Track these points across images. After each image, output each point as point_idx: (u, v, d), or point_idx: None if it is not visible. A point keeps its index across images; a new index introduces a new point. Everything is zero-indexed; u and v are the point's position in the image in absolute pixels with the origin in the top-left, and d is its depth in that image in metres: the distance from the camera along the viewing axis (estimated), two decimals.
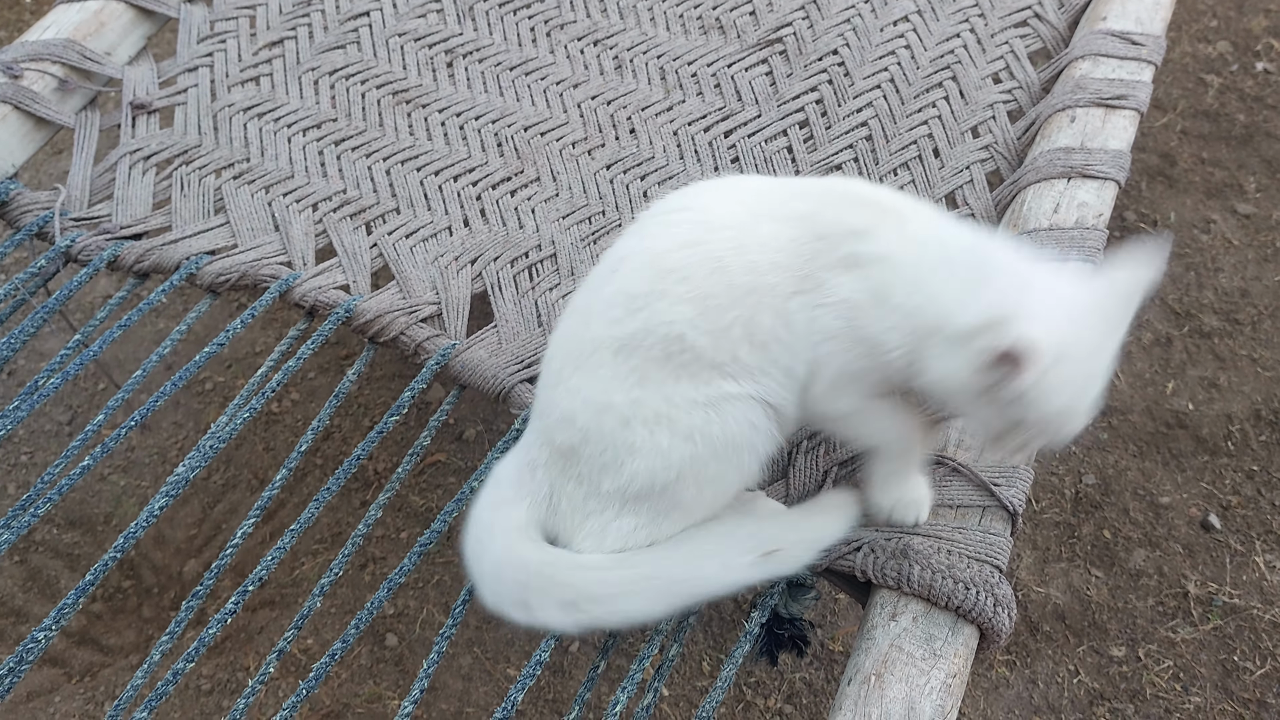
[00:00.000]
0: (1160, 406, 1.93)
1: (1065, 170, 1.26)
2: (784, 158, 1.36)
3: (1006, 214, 1.27)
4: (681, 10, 1.52)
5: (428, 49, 1.49)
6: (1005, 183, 1.30)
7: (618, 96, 1.42)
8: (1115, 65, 1.36)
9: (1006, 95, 1.41)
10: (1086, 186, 1.26)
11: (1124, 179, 1.28)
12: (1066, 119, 1.32)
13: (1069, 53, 1.40)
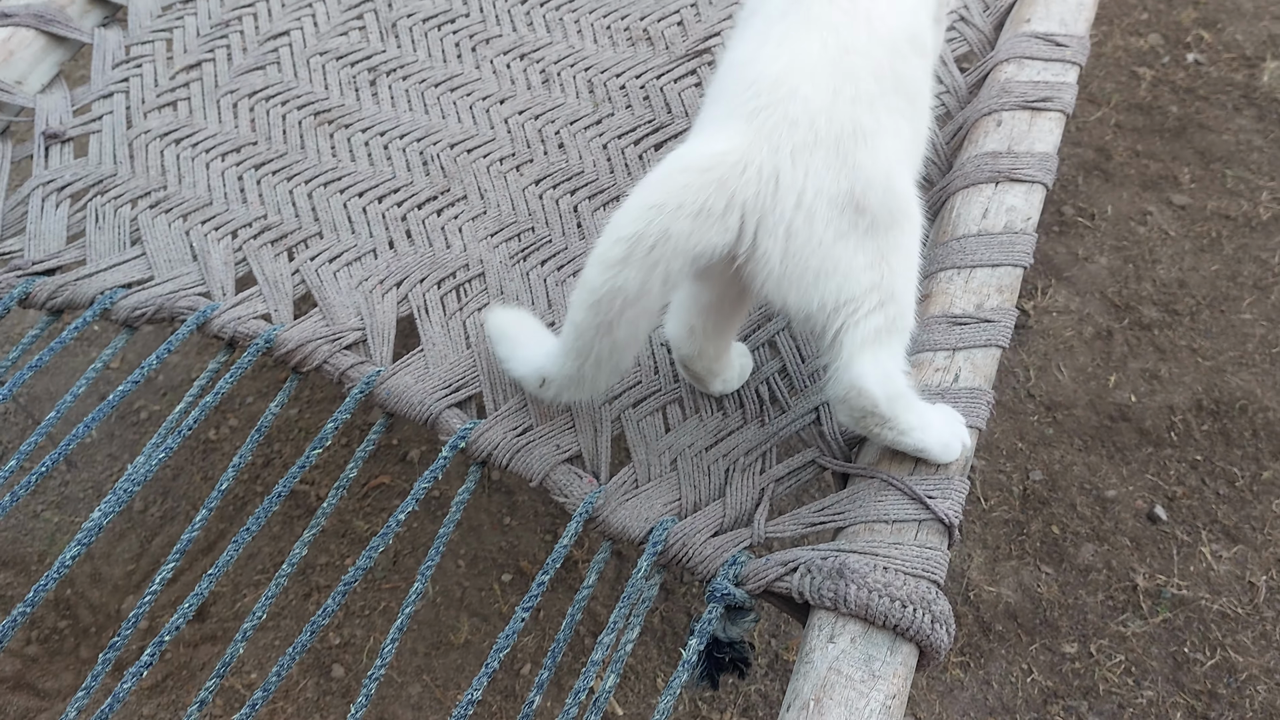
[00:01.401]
0: (1103, 400, 1.95)
1: (993, 175, 1.26)
2: None
3: (937, 219, 1.27)
4: (609, 22, 1.50)
5: (350, 67, 1.46)
6: (935, 188, 1.30)
7: (546, 111, 1.40)
8: (1040, 67, 1.36)
9: (934, 100, 1.41)
10: (1015, 190, 1.26)
11: (1051, 181, 1.28)
12: (993, 123, 1.32)
13: (994, 56, 1.40)
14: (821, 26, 0.88)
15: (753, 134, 0.84)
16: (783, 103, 0.85)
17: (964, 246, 1.19)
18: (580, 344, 0.91)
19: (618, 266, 0.84)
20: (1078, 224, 2.18)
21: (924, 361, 1.10)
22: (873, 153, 0.87)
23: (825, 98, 0.86)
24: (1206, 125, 2.30)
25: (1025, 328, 2.05)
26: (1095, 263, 2.12)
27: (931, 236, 1.26)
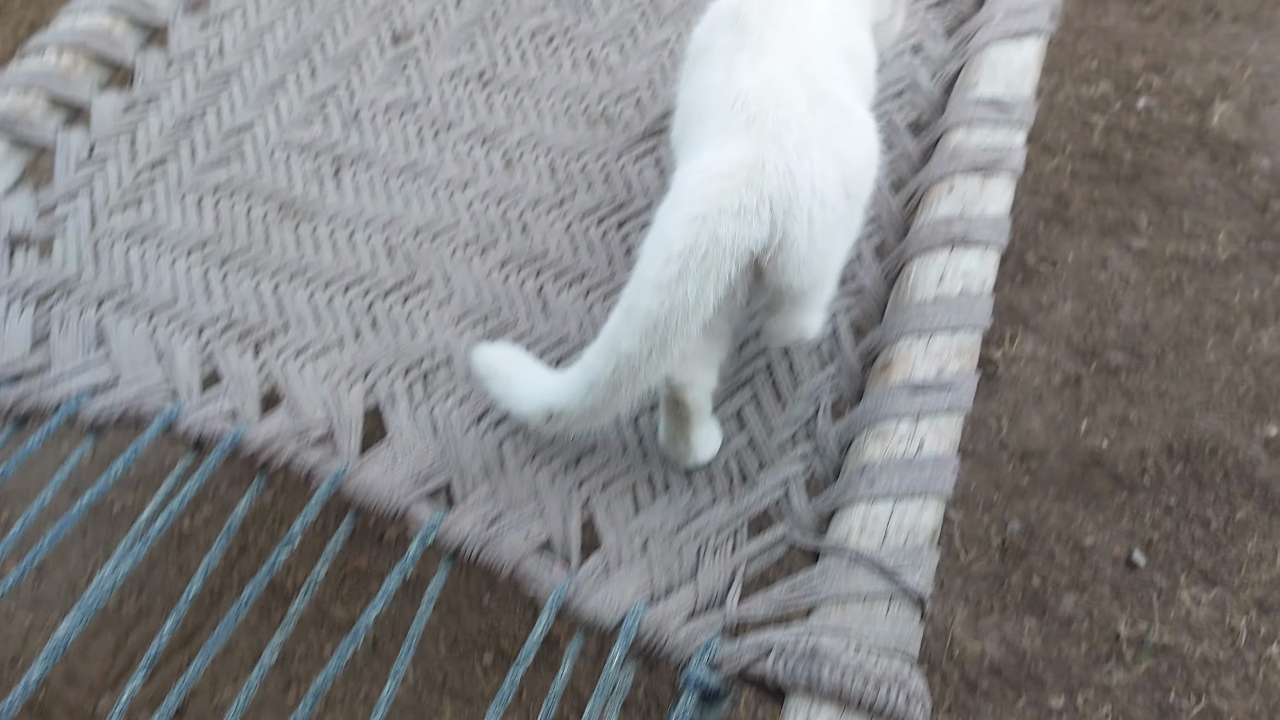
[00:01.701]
0: (1075, 447, 1.96)
1: (948, 239, 1.28)
2: None
3: (895, 286, 1.29)
4: (568, 105, 1.52)
5: (313, 159, 1.48)
6: (891, 254, 1.32)
7: (508, 194, 1.42)
8: (988, 131, 1.40)
9: (886, 169, 1.44)
10: (969, 254, 1.28)
11: (1005, 243, 1.31)
12: (945, 188, 1.34)
13: (944, 121, 1.43)
14: (776, 49, 1.02)
15: (758, 138, 0.94)
16: (772, 109, 0.96)
17: (922, 312, 1.21)
18: (618, 375, 0.94)
19: (673, 283, 0.90)
20: (1040, 272, 2.22)
21: (887, 432, 1.11)
22: (852, 143, 1.02)
23: (803, 102, 0.98)
24: (1161, 169, 2.35)
25: (994, 377, 2.07)
26: (1059, 310, 2.15)
27: (890, 302, 1.28)
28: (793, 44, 1.03)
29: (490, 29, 1.62)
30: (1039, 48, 1.50)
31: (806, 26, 1.06)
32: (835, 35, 1.10)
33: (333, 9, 1.66)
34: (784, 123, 0.95)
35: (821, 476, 1.14)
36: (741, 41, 1.03)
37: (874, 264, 1.34)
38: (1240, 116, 2.41)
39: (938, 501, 1.07)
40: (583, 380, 0.98)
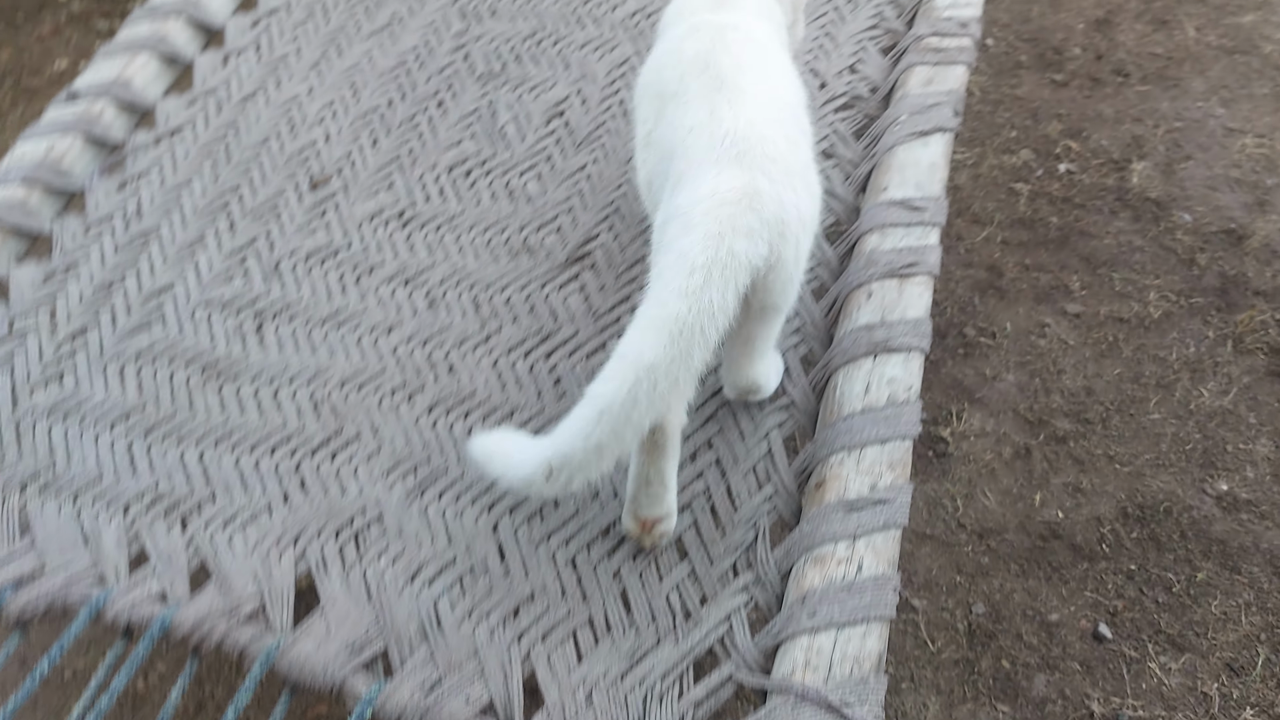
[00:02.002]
0: (1032, 520, 1.96)
1: (870, 348, 1.29)
2: None
3: (823, 398, 1.29)
4: (490, 237, 1.53)
5: (235, 315, 1.47)
6: (816, 366, 1.33)
7: (433, 335, 1.42)
8: (902, 234, 1.42)
9: (810, 275, 1.45)
10: (893, 361, 1.29)
11: (928, 345, 1.32)
12: (864, 295, 1.36)
13: (859, 226, 1.45)
14: (752, 95, 1.13)
15: (750, 170, 1.05)
16: (759, 145, 1.07)
17: (851, 426, 1.21)
18: (636, 392, 0.96)
19: (700, 290, 0.98)
20: (981, 344, 2.24)
21: (826, 556, 1.11)
22: (817, 180, 1.16)
23: (783, 144, 1.10)
24: (1087, 231, 2.40)
25: (946, 456, 2.07)
26: (1003, 380, 2.17)
27: (820, 416, 1.28)
28: (765, 91, 1.16)
29: (407, 167, 1.63)
30: (945, 144, 1.54)
31: (772, 75, 1.20)
32: (792, 93, 1.22)
33: (249, 160, 1.66)
34: (770, 158, 1.07)
35: (765, 606, 1.13)
36: (718, 85, 1.13)
37: (802, 376, 1.34)
38: (1158, 174, 2.47)
39: (881, 625, 1.06)
40: (590, 413, 0.98)
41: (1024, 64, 2.78)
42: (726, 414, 1.32)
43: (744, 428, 1.30)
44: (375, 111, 1.71)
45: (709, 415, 1.32)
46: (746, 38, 1.22)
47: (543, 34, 1.79)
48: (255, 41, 1.85)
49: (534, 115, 1.67)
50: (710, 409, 1.33)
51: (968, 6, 1.70)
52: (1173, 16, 2.82)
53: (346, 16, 1.87)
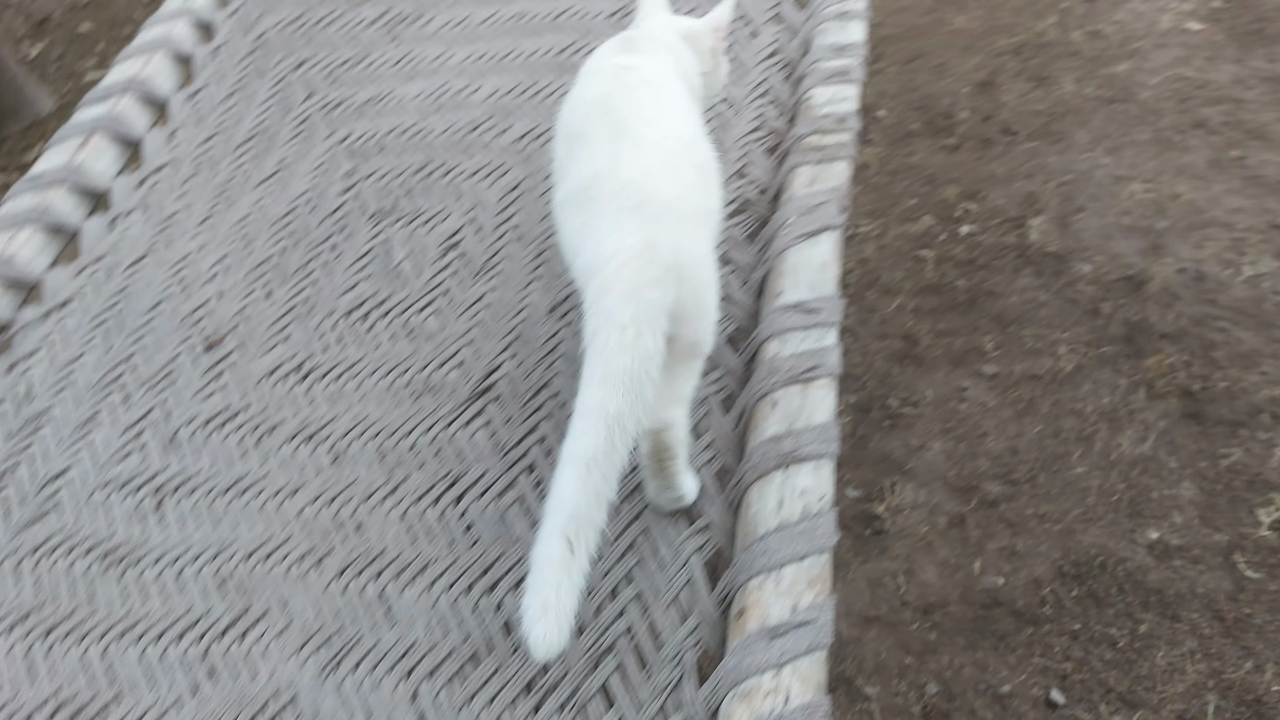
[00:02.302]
0: (973, 590, 1.96)
1: (779, 460, 1.29)
2: (518, 510, 1.35)
3: (738, 516, 1.28)
4: (391, 380, 1.51)
5: (134, 494, 1.43)
6: (729, 484, 1.32)
7: (339, 493, 1.39)
8: (800, 338, 1.42)
9: (717, 385, 1.45)
10: (803, 471, 1.28)
11: (837, 449, 1.32)
12: (769, 405, 1.36)
13: (759, 334, 1.46)
14: (650, 143, 1.23)
15: (646, 222, 1.15)
16: (655, 195, 1.18)
17: (766, 547, 1.20)
18: (613, 438, 1.07)
19: (635, 342, 1.09)
20: (904, 414, 2.25)
21: (752, 690, 1.09)
22: (712, 223, 1.29)
23: (678, 188, 1.21)
24: (994, 291, 2.44)
25: (883, 533, 2.07)
26: (930, 449, 2.18)
27: (737, 538, 1.27)
28: (661, 137, 1.25)
29: (304, 316, 1.61)
30: (834, 241, 1.55)
31: (668, 120, 1.29)
32: (689, 132, 1.32)
33: (141, 326, 1.63)
34: (666, 205, 1.18)
35: None
36: (619, 132, 1.23)
37: (717, 494, 1.33)
38: (1055, 228, 2.53)
39: None
40: (579, 468, 1.07)
41: (916, 132, 2.85)
42: (645, 542, 1.31)
43: (664, 555, 1.29)
44: (268, 262, 1.69)
45: (629, 545, 1.31)
46: (644, 81, 1.32)
47: (433, 165, 1.79)
48: (143, 201, 1.83)
49: (429, 249, 1.67)
50: (630, 538, 1.31)
51: (844, 102, 1.74)
52: (1050, 73, 2.92)
53: (234, 167, 1.85)
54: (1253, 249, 2.38)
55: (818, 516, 1.24)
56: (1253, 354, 2.18)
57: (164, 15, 2.16)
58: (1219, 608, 1.85)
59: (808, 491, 1.27)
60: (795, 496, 1.26)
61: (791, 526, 1.22)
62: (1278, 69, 2.79)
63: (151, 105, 2.00)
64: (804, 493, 1.26)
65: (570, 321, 1.54)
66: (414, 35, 2.04)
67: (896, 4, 3.28)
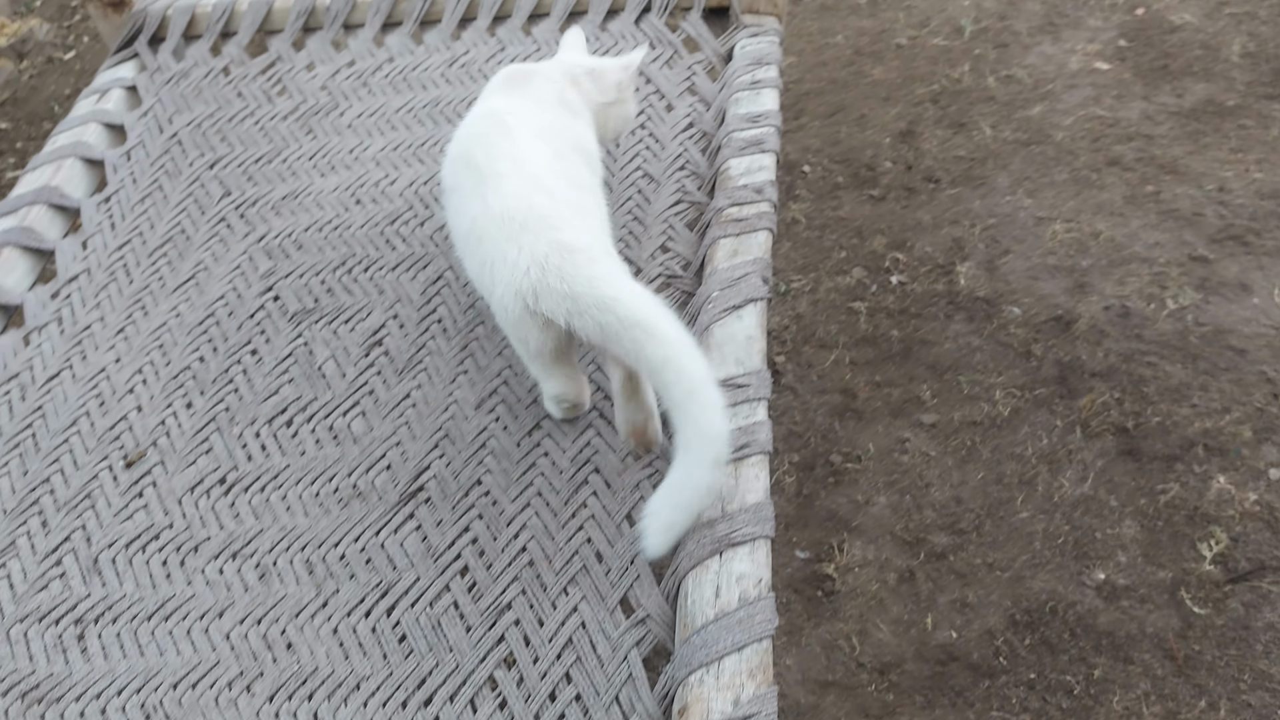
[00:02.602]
0: (927, 646, 1.95)
1: (714, 547, 1.27)
2: (453, 616, 1.32)
3: (677, 609, 1.26)
4: (317, 488, 1.48)
5: (54, 625, 1.38)
6: (667, 575, 1.30)
7: (267, 611, 1.35)
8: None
9: (649, 470, 1.44)
10: (739, 555, 1.27)
11: (772, 530, 1.31)
12: None
13: None
14: (510, 178, 1.38)
15: (528, 244, 1.29)
16: (529, 212, 1.32)
17: (706, 639, 1.18)
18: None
19: (545, 354, 1.37)
20: (848, 469, 2.26)
21: None
22: (580, 222, 1.38)
23: (549, 202, 1.35)
24: (928, 339, 2.47)
25: (834, 593, 2.06)
26: (876, 504, 2.18)
27: (676, 631, 1.25)
28: (521, 172, 1.39)
29: (225, 426, 1.58)
30: (759, 313, 1.56)
31: (525, 158, 1.42)
32: (543, 154, 1.45)
33: (58, 447, 1.59)
34: (541, 218, 1.31)
35: None
36: (480, 179, 1.38)
37: (654, 586, 1.31)
38: (982, 272, 2.57)
39: None
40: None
41: (841, 184, 2.89)
42: (583, 637, 1.28)
43: (602, 652, 1.26)
44: (187, 372, 1.66)
45: (566, 641, 1.28)
46: (500, 126, 1.46)
47: (352, 261, 1.77)
48: (57, 315, 1.79)
49: (351, 348, 1.65)
50: (566, 633, 1.28)
51: (761, 172, 1.75)
52: (968, 118, 2.98)
53: (150, 274, 1.82)
54: (1174, 282, 2.43)
55: (756, 603, 1.22)
56: (1182, 387, 2.22)
57: (74, 119, 2.13)
58: (1169, 646, 1.86)
59: (744, 577, 1.25)
60: (732, 583, 1.24)
61: (730, 615, 1.21)
62: (1184, 104, 2.88)
63: (64, 213, 1.97)
64: (741, 578, 1.25)
65: (498, 415, 1.52)
66: (329, 127, 2.03)
67: (817, 59, 3.34)
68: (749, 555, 1.27)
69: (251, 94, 2.14)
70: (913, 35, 3.32)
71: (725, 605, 1.22)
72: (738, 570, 1.26)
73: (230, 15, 2.26)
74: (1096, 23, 3.20)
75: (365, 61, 2.16)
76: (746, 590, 1.24)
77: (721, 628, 1.20)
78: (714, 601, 1.23)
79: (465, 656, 1.28)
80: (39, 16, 4.13)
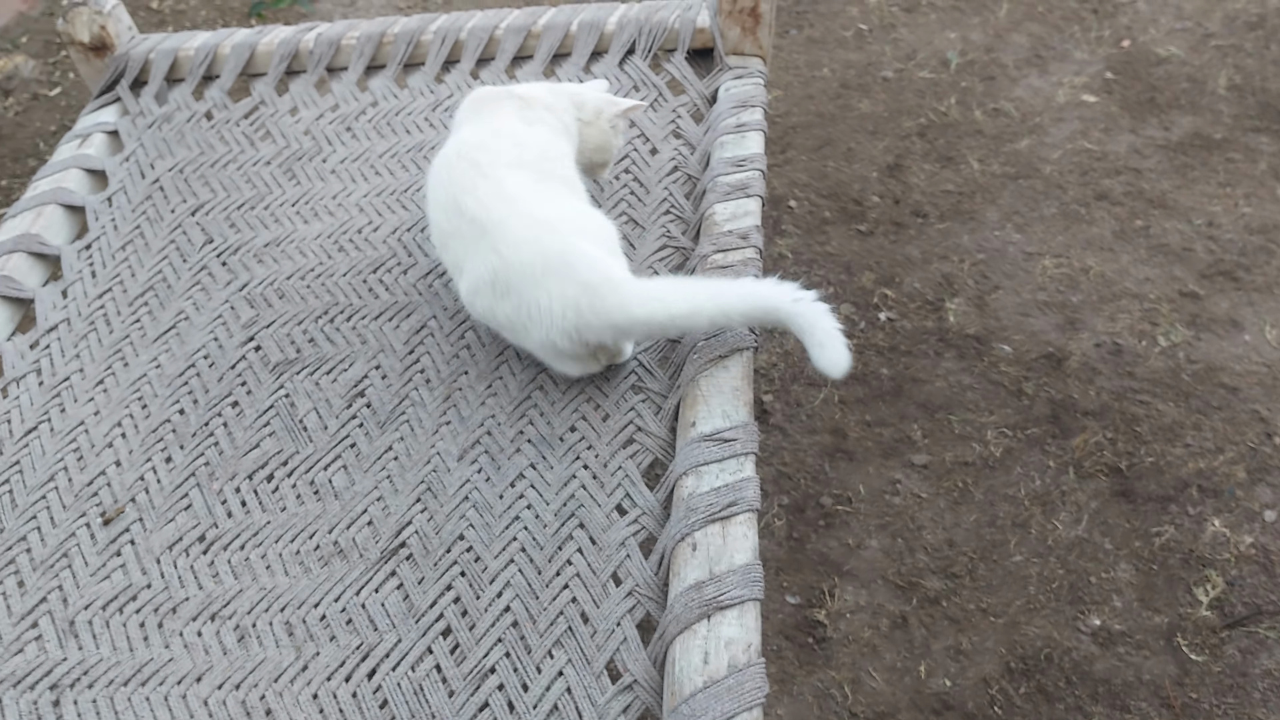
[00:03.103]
0: (922, 695, 1.92)
1: (703, 610, 1.24)
2: (434, 680, 1.29)
3: (665, 674, 1.24)
4: (298, 546, 1.45)
5: (29, 691, 1.34)
6: (654, 639, 1.27)
7: (246, 676, 1.32)
8: (717, 471, 1.39)
9: (635, 527, 1.42)
10: (728, 619, 1.24)
11: (760, 592, 1.28)
12: (689, 548, 1.32)
13: (674, 469, 1.43)
14: (509, 221, 1.41)
15: (555, 296, 1.38)
16: (549, 252, 1.39)
17: (694, 709, 1.15)
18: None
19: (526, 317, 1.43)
20: (838, 512, 2.23)
21: None
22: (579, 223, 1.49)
23: (555, 235, 1.41)
24: (918, 377, 2.45)
25: (826, 640, 2.03)
26: (867, 547, 2.16)
27: (664, 701, 1.22)
28: (518, 212, 1.42)
29: (205, 481, 1.55)
30: (745, 363, 1.54)
31: (514, 194, 1.44)
32: (533, 182, 1.49)
33: (35, 504, 1.56)
34: (557, 258, 1.38)
35: None
36: (481, 233, 1.41)
37: (640, 650, 1.28)
38: (972, 309, 2.56)
39: None
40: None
41: (829, 219, 2.88)
42: (569, 704, 1.25)
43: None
44: (166, 425, 1.63)
45: (551, 708, 1.25)
46: (475, 167, 1.48)
47: (335, 310, 1.75)
48: (35, 365, 1.76)
49: (333, 400, 1.62)
50: (552, 699, 1.26)
51: (746, 217, 1.74)
52: (956, 152, 2.98)
53: (130, 323, 1.80)
54: (1165, 319, 2.42)
55: (745, 669, 1.19)
56: (1175, 426, 2.20)
57: (55, 165, 2.11)
58: (1166, 694, 1.84)
59: (734, 642, 1.22)
60: (720, 649, 1.22)
61: (719, 682, 1.18)
62: (1171, 137, 2.88)
63: (44, 261, 1.95)
64: (730, 643, 1.22)
65: (480, 467, 1.50)
66: (313, 172, 2.01)
67: (804, 92, 3.34)
68: (737, 619, 1.25)
69: (234, 138, 2.12)
70: (899, 68, 3.32)
71: (714, 672, 1.20)
72: (726, 635, 1.23)
73: (213, 59, 2.25)
74: (1083, 55, 3.21)
75: (349, 105, 2.15)
76: (735, 656, 1.21)
77: (710, 696, 1.17)
78: (702, 668, 1.21)
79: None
80: (24, 53, 4.12)
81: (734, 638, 1.23)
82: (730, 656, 1.21)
